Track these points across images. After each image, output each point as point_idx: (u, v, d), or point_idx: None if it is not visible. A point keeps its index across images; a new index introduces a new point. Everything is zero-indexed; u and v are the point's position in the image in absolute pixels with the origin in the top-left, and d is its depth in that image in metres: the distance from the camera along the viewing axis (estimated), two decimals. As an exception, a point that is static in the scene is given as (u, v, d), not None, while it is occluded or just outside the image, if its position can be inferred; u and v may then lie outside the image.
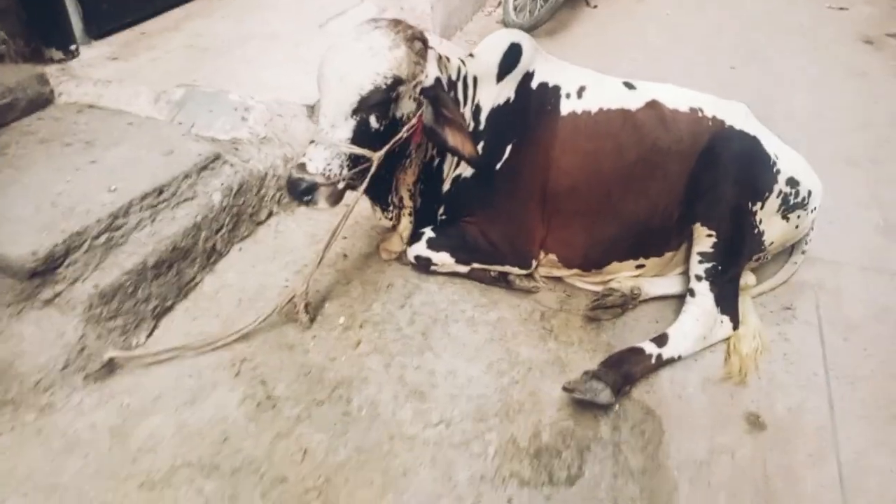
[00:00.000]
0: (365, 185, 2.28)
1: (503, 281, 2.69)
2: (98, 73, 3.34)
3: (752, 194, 2.47)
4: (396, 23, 2.24)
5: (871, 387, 2.35)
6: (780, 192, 2.52)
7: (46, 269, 2.18)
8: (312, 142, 2.20)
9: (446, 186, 2.66)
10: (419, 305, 2.61)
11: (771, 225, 2.54)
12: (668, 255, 2.61)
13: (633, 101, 2.62)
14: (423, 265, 2.70)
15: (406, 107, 2.27)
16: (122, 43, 3.69)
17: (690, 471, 2.03)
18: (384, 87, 2.14)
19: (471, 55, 2.62)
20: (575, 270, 2.68)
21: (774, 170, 2.51)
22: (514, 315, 2.58)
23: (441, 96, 2.29)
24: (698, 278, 2.46)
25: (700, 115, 2.60)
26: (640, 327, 2.54)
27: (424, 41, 2.28)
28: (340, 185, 2.24)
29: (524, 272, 2.66)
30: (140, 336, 2.38)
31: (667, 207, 2.53)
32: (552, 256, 2.68)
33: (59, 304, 2.18)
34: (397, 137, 2.27)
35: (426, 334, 2.48)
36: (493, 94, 2.60)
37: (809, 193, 2.60)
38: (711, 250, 2.45)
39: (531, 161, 2.59)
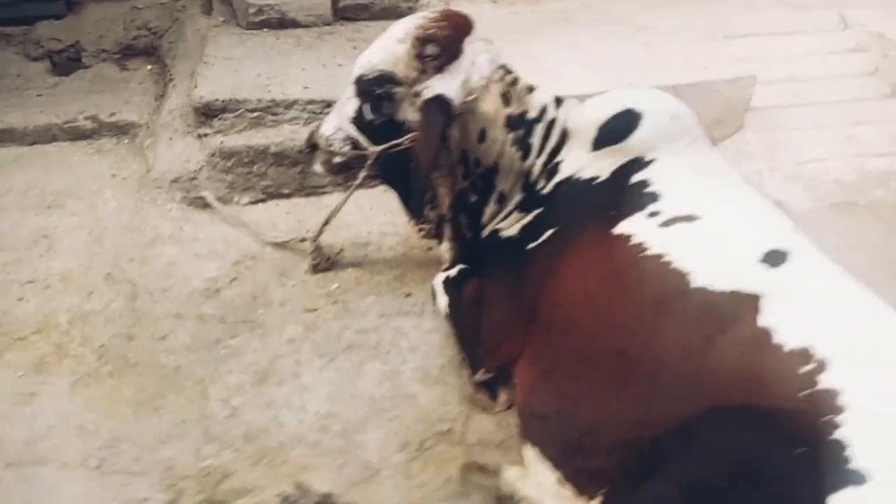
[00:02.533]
0: (363, 174, 2.14)
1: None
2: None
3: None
4: (437, 17, 1.88)
5: None
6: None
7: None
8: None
9: (485, 233, 2.19)
10: (386, 329, 2.34)
11: None
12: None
13: (728, 285, 1.53)
14: (432, 296, 2.36)
15: (408, 113, 1.96)
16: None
17: None
18: (369, 77, 1.92)
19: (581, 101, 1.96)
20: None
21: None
22: (420, 412, 2.07)
23: (429, 115, 1.86)
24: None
25: (804, 372, 1.37)
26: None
27: (446, 48, 1.85)
28: (337, 159, 2.17)
29: (473, 373, 2.06)
30: (242, 198, 2.90)
31: (612, 441, 1.53)
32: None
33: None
34: (395, 142, 2.01)
35: (351, 350, 2.26)
36: (580, 162, 1.95)
37: None
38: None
39: (548, 260, 1.88)
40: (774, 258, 1.56)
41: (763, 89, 3.28)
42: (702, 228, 1.66)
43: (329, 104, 2.81)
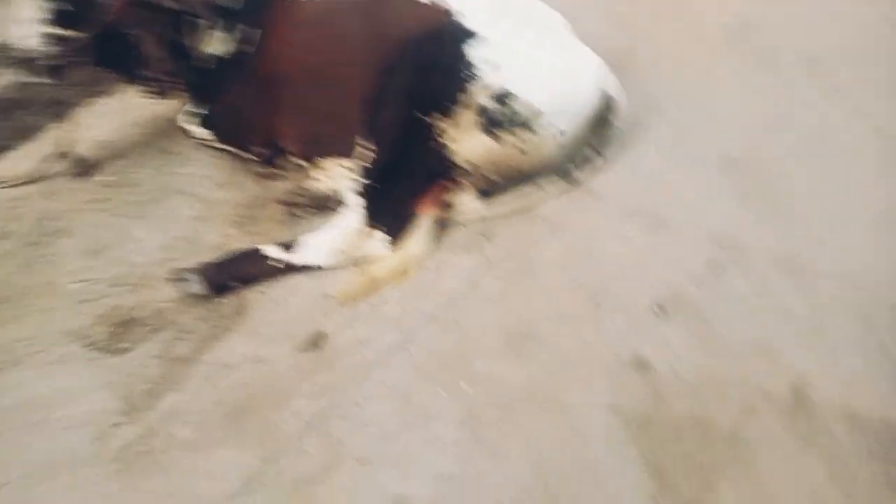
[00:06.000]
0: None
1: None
2: None
3: (425, 104, 2.15)
4: None
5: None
6: (478, 106, 2.13)
7: None
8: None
9: (206, 66, 2.70)
10: (174, 175, 2.81)
11: (468, 142, 2.19)
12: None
13: None
14: (187, 135, 2.84)
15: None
16: None
17: (211, 371, 2.08)
18: None
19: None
20: (302, 160, 2.63)
21: (470, 80, 2.12)
22: (240, 197, 2.66)
23: None
24: (353, 190, 2.27)
25: (442, 10, 2.26)
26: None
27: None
28: (51, 62, 2.48)
29: (257, 156, 2.70)
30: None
31: (353, 108, 2.31)
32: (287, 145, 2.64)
33: None
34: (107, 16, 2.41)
35: (156, 202, 2.71)
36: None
37: (538, 113, 2.15)
38: (370, 166, 2.23)
39: (267, 44, 2.53)
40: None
41: None
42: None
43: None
